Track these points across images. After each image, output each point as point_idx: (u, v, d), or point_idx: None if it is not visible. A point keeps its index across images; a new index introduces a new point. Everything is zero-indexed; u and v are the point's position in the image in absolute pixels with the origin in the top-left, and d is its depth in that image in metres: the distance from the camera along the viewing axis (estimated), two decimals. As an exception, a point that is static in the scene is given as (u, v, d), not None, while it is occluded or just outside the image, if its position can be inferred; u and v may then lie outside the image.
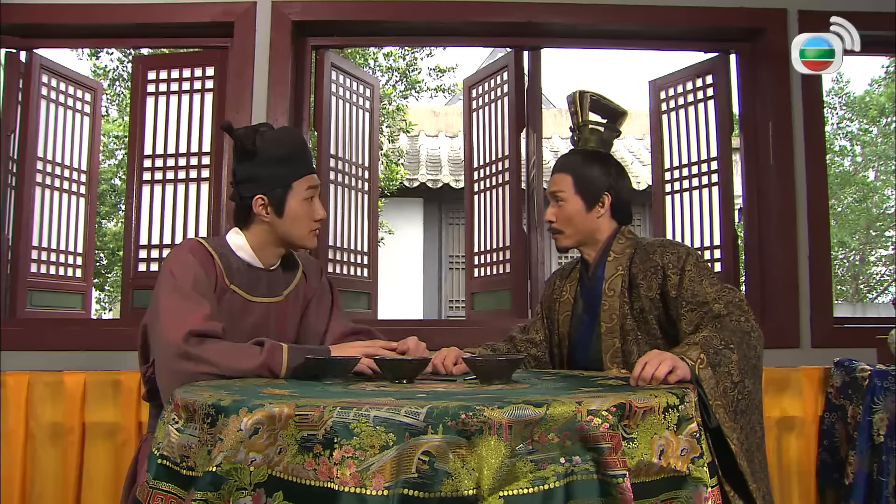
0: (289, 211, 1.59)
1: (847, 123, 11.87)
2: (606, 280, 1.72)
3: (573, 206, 1.74)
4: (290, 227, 1.60)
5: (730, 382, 1.39)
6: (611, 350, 1.68)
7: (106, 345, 2.54)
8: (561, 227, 1.76)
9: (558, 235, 1.77)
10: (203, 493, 0.98)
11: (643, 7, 2.76)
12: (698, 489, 1.06)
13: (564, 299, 1.85)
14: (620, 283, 1.70)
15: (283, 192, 1.58)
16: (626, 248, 1.74)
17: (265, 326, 1.63)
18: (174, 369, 1.40)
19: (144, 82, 2.91)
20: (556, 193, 1.75)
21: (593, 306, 1.76)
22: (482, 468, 0.90)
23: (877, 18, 2.70)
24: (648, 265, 1.67)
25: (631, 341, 1.66)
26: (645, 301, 1.66)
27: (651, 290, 1.65)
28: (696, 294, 1.59)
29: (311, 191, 1.61)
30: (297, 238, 1.63)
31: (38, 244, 2.87)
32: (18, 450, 2.34)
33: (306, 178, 1.61)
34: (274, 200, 1.59)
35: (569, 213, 1.74)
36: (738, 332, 1.46)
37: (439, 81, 8.25)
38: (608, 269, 1.73)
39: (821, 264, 2.68)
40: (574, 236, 1.77)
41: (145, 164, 2.85)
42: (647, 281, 1.66)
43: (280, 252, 1.67)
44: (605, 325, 1.70)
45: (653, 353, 1.32)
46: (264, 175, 1.59)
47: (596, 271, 1.77)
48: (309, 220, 1.62)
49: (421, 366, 1.41)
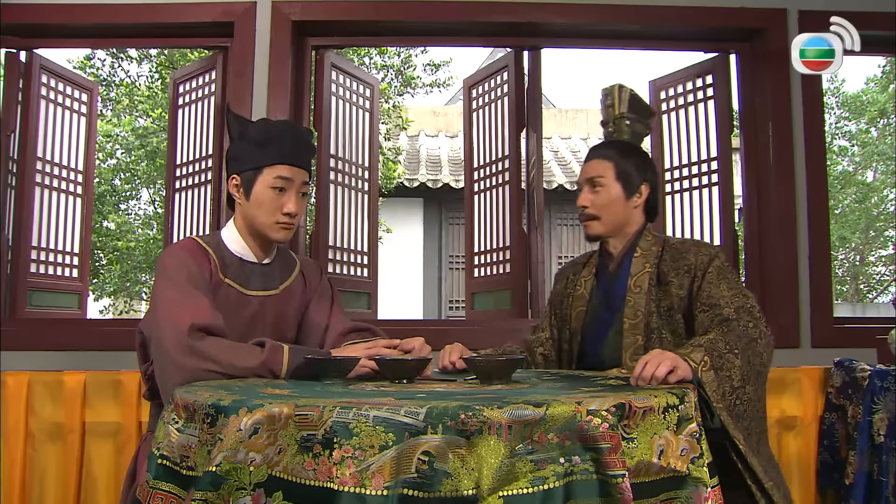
0: (254, 195, 1.58)
1: (845, 123, 11.87)
2: (633, 276, 1.71)
3: (613, 192, 1.73)
4: (255, 212, 1.59)
5: (729, 387, 1.39)
6: (632, 347, 1.67)
7: (106, 345, 2.54)
8: (597, 213, 1.74)
9: (593, 222, 1.75)
10: (203, 492, 0.98)
11: (643, 7, 2.76)
12: (698, 489, 1.06)
13: (579, 293, 1.82)
14: (648, 280, 1.69)
15: (254, 175, 1.58)
16: (653, 245, 1.74)
17: (262, 320, 1.63)
18: (176, 363, 1.39)
19: (176, 95, 3.02)
20: (596, 179, 1.74)
21: (613, 301, 1.74)
22: (482, 468, 0.90)
23: (877, 18, 2.69)
24: (681, 263, 1.67)
25: (655, 339, 1.65)
26: (675, 299, 1.65)
27: (682, 288, 1.65)
28: (710, 296, 1.60)
29: (280, 181, 1.57)
30: (260, 226, 1.60)
31: (37, 244, 2.87)
32: (18, 450, 2.34)
33: (281, 166, 1.57)
34: (245, 182, 1.59)
35: (607, 199, 1.73)
36: (744, 338, 1.47)
37: (434, 77, 8.23)
38: (635, 265, 1.72)
39: (821, 264, 2.68)
40: (609, 224, 1.75)
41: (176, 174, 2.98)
42: (679, 279, 1.66)
43: (259, 243, 1.65)
44: (628, 321, 1.68)
45: (655, 352, 1.32)
46: (242, 156, 1.61)
47: (620, 266, 1.76)
48: (274, 211, 1.58)
49: (421, 366, 1.41)
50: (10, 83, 2.81)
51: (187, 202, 2.92)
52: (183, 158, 2.96)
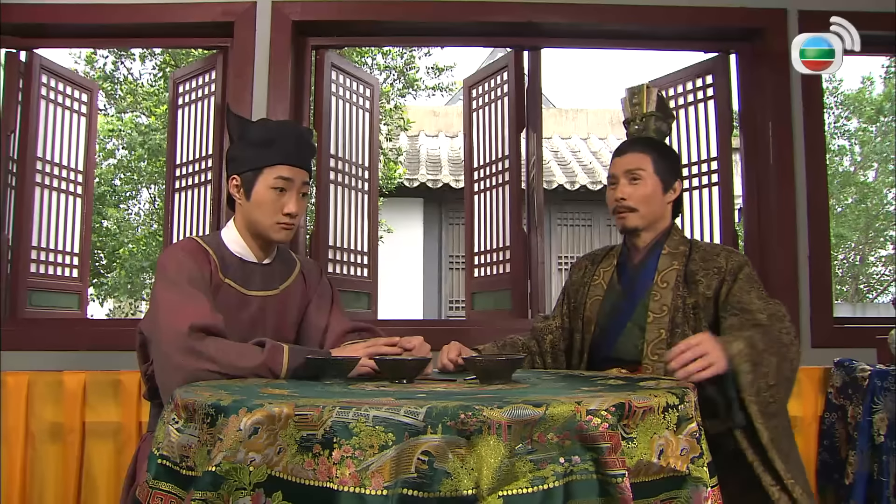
0: (255, 195, 1.59)
1: (844, 122, 11.86)
2: (660, 272, 1.73)
3: (652, 185, 1.75)
4: (255, 213, 1.60)
5: (764, 384, 1.42)
6: (655, 341, 1.68)
7: (106, 345, 2.54)
8: (636, 205, 1.75)
9: (630, 214, 1.75)
10: (203, 492, 0.98)
11: (643, 7, 2.76)
12: (698, 489, 1.06)
13: (596, 283, 1.84)
14: (675, 276, 1.70)
15: (254, 176, 1.58)
16: (681, 244, 1.76)
17: (262, 321, 1.63)
18: (176, 364, 1.39)
19: (176, 95, 3.02)
20: (634, 171, 1.74)
21: (635, 293, 1.75)
22: (481, 468, 0.90)
23: (877, 18, 2.69)
24: (711, 265, 1.70)
25: (679, 335, 1.66)
26: (701, 299, 1.68)
27: (709, 289, 1.68)
28: (741, 301, 1.62)
29: (281, 181, 1.58)
30: (261, 227, 1.61)
31: (36, 244, 2.87)
32: (18, 450, 2.34)
33: (281, 167, 1.58)
34: (245, 182, 1.60)
35: (647, 192, 1.75)
36: (778, 343, 1.49)
37: (437, 80, 8.26)
38: (662, 261, 1.74)
39: (821, 264, 2.68)
40: (646, 217, 1.76)
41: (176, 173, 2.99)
42: (708, 280, 1.68)
43: (259, 243, 1.65)
44: (653, 315, 1.69)
45: (695, 339, 1.34)
46: (242, 156, 1.61)
47: (646, 260, 1.76)
48: (275, 211, 1.59)
49: (421, 366, 1.41)
50: (10, 83, 2.81)
51: (187, 202, 2.93)
52: (183, 158, 2.97)
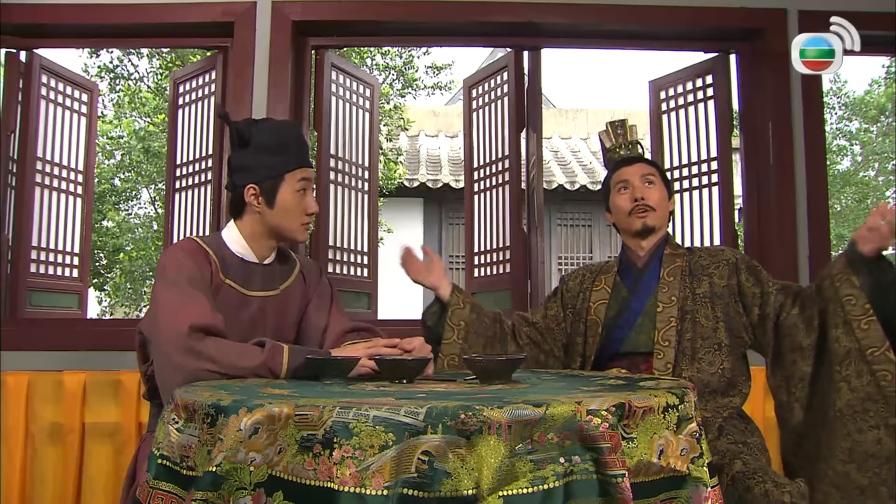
0: (280, 202, 1.59)
1: (846, 123, 11.86)
2: (665, 268, 1.82)
3: (662, 192, 1.87)
4: (281, 219, 1.60)
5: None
6: (666, 327, 1.74)
7: (106, 345, 2.54)
8: (654, 205, 1.84)
9: (651, 213, 1.84)
10: (203, 492, 0.98)
11: (643, 7, 2.76)
12: (698, 489, 1.06)
13: (599, 289, 1.91)
14: (680, 271, 1.80)
15: (275, 184, 1.58)
16: (678, 248, 1.88)
17: (262, 321, 1.63)
18: (176, 364, 1.39)
19: (176, 95, 3.02)
20: (648, 176, 1.86)
21: (643, 290, 1.82)
22: (482, 468, 0.90)
23: (877, 18, 2.69)
24: (720, 258, 1.81)
25: (689, 320, 1.75)
26: (717, 287, 1.77)
27: (723, 278, 1.77)
28: (769, 279, 1.76)
29: (303, 183, 1.60)
30: (287, 231, 1.62)
31: (37, 244, 2.87)
32: (18, 450, 2.34)
33: (299, 170, 1.60)
34: (265, 191, 1.59)
35: (661, 195, 1.87)
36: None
37: (436, 79, 8.27)
38: (666, 260, 1.83)
39: (821, 264, 2.67)
40: (660, 218, 1.87)
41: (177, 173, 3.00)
42: (720, 270, 1.79)
43: (272, 245, 1.67)
44: (662, 304, 1.77)
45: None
46: (257, 164, 1.59)
47: (650, 262, 1.85)
48: (300, 214, 1.62)
49: (421, 366, 1.41)
50: (10, 83, 2.81)
51: (187, 202, 2.93)
52: (183, 158, 2.97)
